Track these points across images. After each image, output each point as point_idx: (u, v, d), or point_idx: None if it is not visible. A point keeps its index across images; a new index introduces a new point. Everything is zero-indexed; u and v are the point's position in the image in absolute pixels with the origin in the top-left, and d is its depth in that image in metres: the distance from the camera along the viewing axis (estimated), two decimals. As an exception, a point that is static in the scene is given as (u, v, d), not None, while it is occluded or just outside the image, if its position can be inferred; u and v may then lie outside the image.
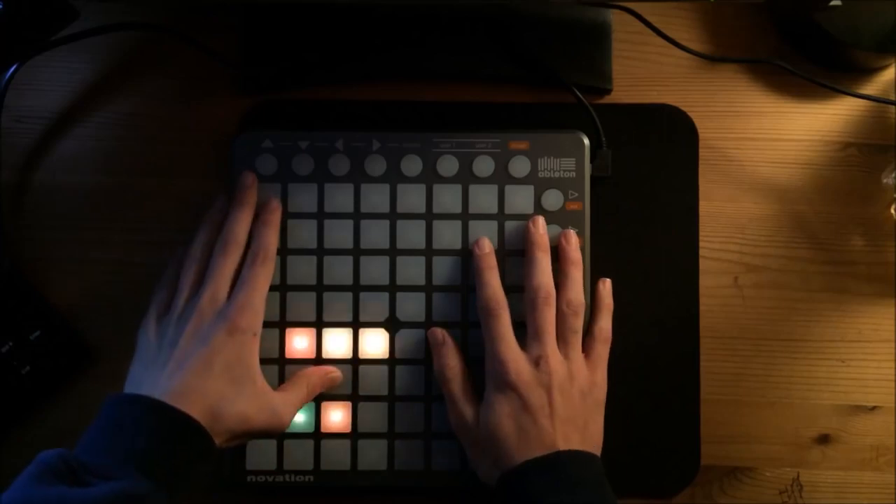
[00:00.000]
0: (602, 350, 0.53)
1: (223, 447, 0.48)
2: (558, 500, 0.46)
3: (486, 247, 0.54)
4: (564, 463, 0.47)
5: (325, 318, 0.54)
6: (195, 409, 0.46)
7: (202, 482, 0.46)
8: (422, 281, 0.55)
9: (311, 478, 0.54)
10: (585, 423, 0.50)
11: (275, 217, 0.54)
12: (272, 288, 0.54)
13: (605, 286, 0.55)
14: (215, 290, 0.51)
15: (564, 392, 0.50)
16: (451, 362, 0.52)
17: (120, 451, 0.43)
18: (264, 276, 0.52)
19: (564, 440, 0.48)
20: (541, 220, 0.54)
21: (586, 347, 0.53)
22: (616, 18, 0.59)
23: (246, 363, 0.49)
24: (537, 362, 0.50)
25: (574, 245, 0.54)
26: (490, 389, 0.50)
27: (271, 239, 0.53)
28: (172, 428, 0.45)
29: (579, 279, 0.53)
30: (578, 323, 0.52)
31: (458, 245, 0.55)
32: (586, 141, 0.56)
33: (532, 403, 0.49)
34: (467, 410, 0.51)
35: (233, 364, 0.49)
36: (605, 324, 0.54)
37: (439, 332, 0.53)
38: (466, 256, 0.55)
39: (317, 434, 0.54)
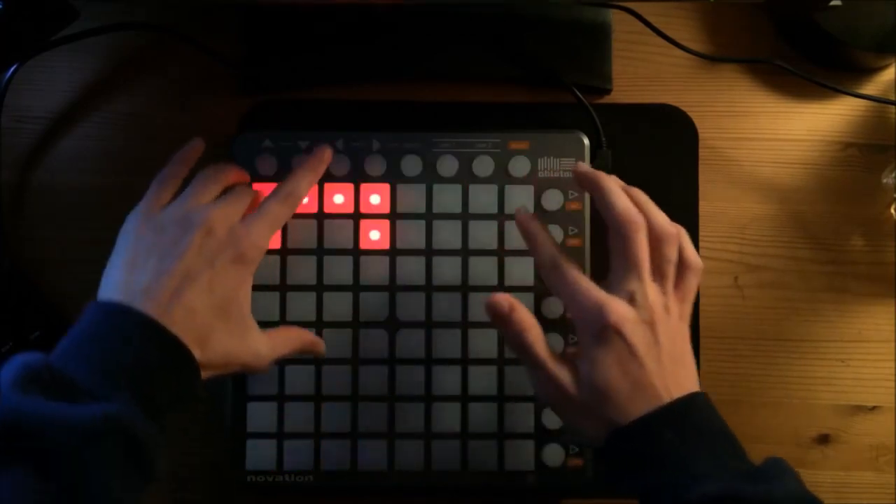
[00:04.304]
0: (692, 281, 0.47)
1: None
2: (688, 453, 0.42)
3: (526, 213, 0.49)
4: (686, 412, 0.43)
5: (325, 318, 0.54)
6: (188, 338, 0.44)
7: (183, 411, 0.45)
8: (422, 281, 0.55)
9: (311, 478, 0.54)
10: (683, 358, 0.46)
11: (319, 166, 0.53)
12: (272, 288, 0.54)
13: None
14: (234, 209, 0.49)
15: (666, 327, 0.45)
16: (529, 323, 0.46)
17: (111, 370, 0.42)
18: (283, 216, 0.50)
19: (676, 383, 0.44)
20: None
21: (676, 279, 0.47)
22: (616, 18, 0.59)
23: (242, 300, 0.48)
24: (632, 298, 0.45)
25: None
26: (586, 341, 0.45)
27: (304, 185, 0.51)
28: (168, 355, 0.44)
29: (659, 210, 0.48)
30: (674, 252, 0.47)
31: (458, 245, 0.55)
32: (586, 141, 0.56)
33: (639, 345, 0.44)
34: (561, 373, 0.45)
35: (230, 299, 0.47)
36: (690, 250, 0.48)
37: (504, 299, 0.46)
38: (466, 256, 0.55)
39: (317, 434, 0.54)
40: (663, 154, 0.58)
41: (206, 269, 0.46)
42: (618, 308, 0.44)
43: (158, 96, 0.59)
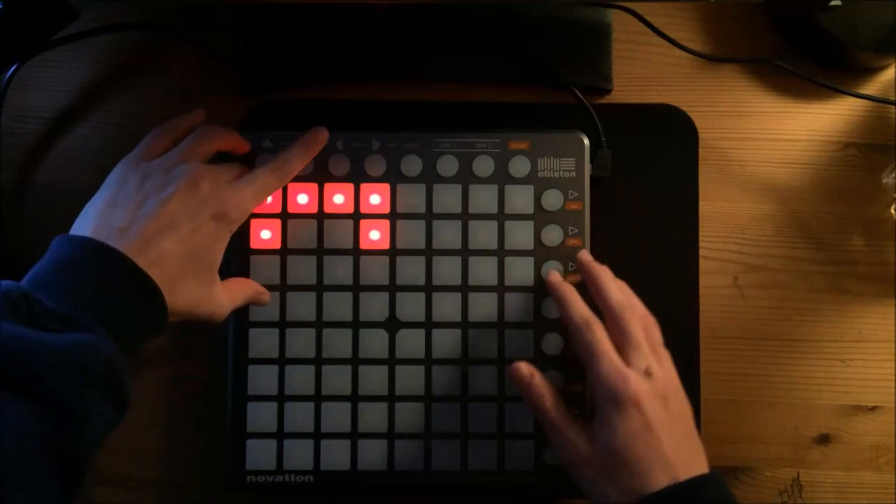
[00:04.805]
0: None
1: None
2: None
3: (558, 276, 0.53)
4: (703, 491, 0.46)
5: (325, 318, 0.54)
6: (160, 281, 0.45)
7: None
8: (422, 281, 0.55)
9: (311, 478, 0.54)
10: (694, 435, 0.49)
11: (314, 144, 0.53)
12: (272, 287, 0.54)
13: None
14: (223, 171, 0.50)
15: (677, 404, 0.48)
16: (546, 391, 0.50)
17: (86, 302, 0.42)
18: (271, 186, 0.51)
19: (690, 457, 0.47)
20: (587, 252, 0.54)
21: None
22: (616, 18, 0.59)
23: (215, 255, 0.48)
24: (648, 373, 0.48)
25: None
26: (606, 407, 0.47)
27: (297, 161, 0.52)
28: (140, 293, 0.44)
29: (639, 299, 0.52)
30: (660, 335, 0.51)
31: (458, 245, 0.55)
32: (586, 141, 0.56)
33: (654, 418, 0.46)
34: (577, 438, 0.48)
35: (204, 252, 0.47)
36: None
37: (525, 368, 0.50)
38: (466, 256, 0.55)
39: (317, 434, 0.54)
40: (663, 154, 0.58)
41: (186, 221, 0.47)
42: (637, 380, 0.47)
43: (158, 96, 0.59)
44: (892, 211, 0.58)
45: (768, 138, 0.59)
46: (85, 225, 0.47)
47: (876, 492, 0.56)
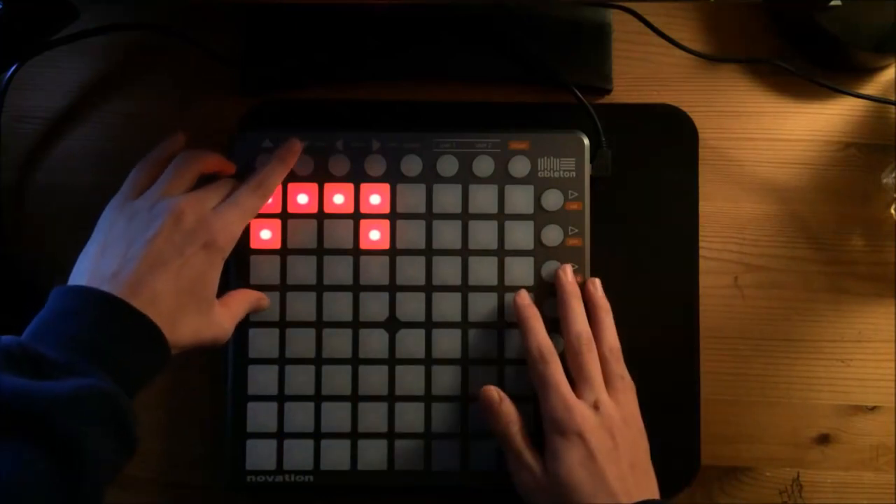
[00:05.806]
0: (632, 395, 0.52)
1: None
2: None
3: (527, 298, 0.53)
4: None
5: (325, 318, 0.54)
6: (158, 319, 0.45)
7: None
8: (422, 281, 0.55)
9: (311, 478, 0.54)
10: (643, 465, 0.50)
11: (290, 157, 0.53)
12: (272, 288, 0.54)
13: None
14: (206, 198, 0.49)
15: (625, 436, 0.49)
16: (513, 417, 0.51)
17: (85, 348, 0.42)
18: (254, 206, 0.51)
19: (636, 486, 0.48)
20: (569, 267, 0.54)
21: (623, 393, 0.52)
22: (616, 18, 0.59)
23: (210, 284, 0.48)
24: (596, 407, 0.50)
25: (601, 291, 0.54)
26: (553, 438, 0.49)
27: (276, 177, 0.52)
28: (139, 334, 0.44)
29: (613, 324, 0.53)
30: (622, 367, 0.52)
31: (458, 245, 0.55)
32: (586, 141, 0.56)
33: (600, 449, 0.48)
34: (533, 462, 0.50)
35: (198, 282, 0.48)
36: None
37: (495, 392, 0.52)
38: (466, 256, 0.55)
39: (317, 434, 0.54)
40: (663, 154, 0.58)
41: (175, 257, 0.47)
42: (584, 413, 0.49)
43: (158, 96, 0.59)
44: (892, 211, 0.58)
45: (768, 138, 0.59)
46: (80, 275, 0.47)
47: (876, 492, 0.56)
